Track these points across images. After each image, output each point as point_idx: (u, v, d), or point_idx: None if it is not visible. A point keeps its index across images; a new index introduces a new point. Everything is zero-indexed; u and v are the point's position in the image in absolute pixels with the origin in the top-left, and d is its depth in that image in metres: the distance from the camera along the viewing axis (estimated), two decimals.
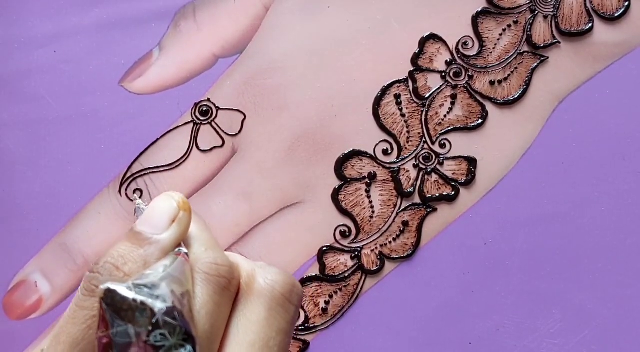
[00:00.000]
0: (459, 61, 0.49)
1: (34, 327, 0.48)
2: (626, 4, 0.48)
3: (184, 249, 0.30)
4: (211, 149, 0.49)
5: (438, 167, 0.48)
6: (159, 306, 0.27)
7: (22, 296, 0.48)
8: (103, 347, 0.27)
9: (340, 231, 0.48)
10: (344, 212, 0.48)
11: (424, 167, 0.48)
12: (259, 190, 0.48)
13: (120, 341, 0.27)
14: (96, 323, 0.28)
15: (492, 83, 0.48)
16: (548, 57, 0.48)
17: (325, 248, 0.48)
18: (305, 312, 0.48)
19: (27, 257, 0.48)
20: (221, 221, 0.48)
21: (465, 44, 0.49)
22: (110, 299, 0.27)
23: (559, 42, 0.48)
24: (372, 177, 0.48)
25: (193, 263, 0.30)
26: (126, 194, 0.48)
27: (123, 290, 0.27)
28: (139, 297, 0.27)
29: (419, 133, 0.48)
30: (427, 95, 0.48)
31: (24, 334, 0.48)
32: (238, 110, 0.49)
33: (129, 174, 0.48)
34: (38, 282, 0.48)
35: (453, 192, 0.48)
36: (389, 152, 0.48)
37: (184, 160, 0.48)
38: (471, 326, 0.47)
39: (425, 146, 0.48)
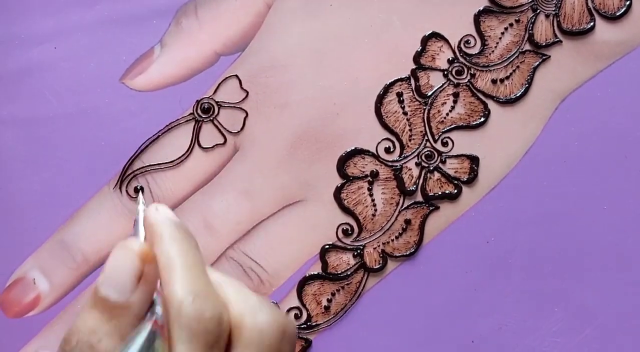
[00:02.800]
0: (461, 59, 0.49)
1: (31, 325, 0.47)
2: (627, 3, 0.48)
3: (158, 313, 0.28)
4: (213, 147, 0.48)
5: (440, 165, 0.48)
6: None
7: (20, 293, 0.47)
8: None
9: (343, 229, 0.48)
10: (346, 210, 0.48)
11: (426, 165, 0.48)
12: (261, 188, 0.48)
13: None
14: None
15: (494, 81, 0.48)
16: (550, 56, 0.48)
17: (327, 246, 0.48)
18: (307, 310, 0.47)
19: (26, 255, 0.47)
20: (223, 219, 0.48)
21: (467, 42, 0.49)
22: None
23: (561, 41, 0.48)
24: (375, 175, 0.48)
25: (176, 314, 0.27)
26: (127, 192, 0.48)
27: None
28: None
29: (421, 131, 0.48)
30: (429, 94, 0.49)
31: (21, 332, 0.47)
32: (240, 108, 0.49)
33: (129, 172, 0.48)
34: (36, 279, 0.47)
35: (455, 191, 0.48)
36: (391, 150, 0.48)
37: (185, 158, 0.48)
38: (473, 324, 0.47)
39: (428, 144, 0.48)
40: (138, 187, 0.48)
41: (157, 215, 0.29)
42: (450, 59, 0.49)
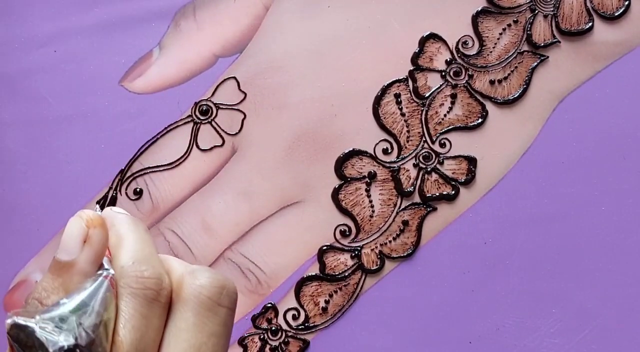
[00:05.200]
0: (458, 60, 0.49)
1: None
2: (626, 3, 0.48)
3: (110, 271, 0.29)
4: (211, 149, 0.49)
5: (438, 166, 0.48)
6: (59, 344, 0.26)
7: (23, 295, 0.48)
8: None
9: (340, 230, 0.48)
10: (344, 211, 0.48)
11: (424, 166, 0.48)
12: (259, 189, 0.48)
13: None
14: None
15: (492, 82, 0.48)
16: (548, 57, 0.48)
17: (325, 247, 0.48)
18: (305, 311, 0.48)
19: (28, 257, 0.48)
20: (221, 220, 0.48)
21: (465, 43, 0.49)
22: (16, 335, 0.26)
23: (559, 42, 0.48)
24: (372, 176, 0.48)
25: (119, 278, 0.29)
26: (126, 194, 0.48)
27: (28, 325, 0.26)
28: (41, 335, 0.26)
29: (419, 132, 0.48)
30: (427, 95, 0.48)
31: None
32: (238, 110, 0.49)
33: (129, 174, 0.48)
34: (38, 281, 0.48)
35: (453, 192, 0.48)
36: (389, 151, 0.48)
37: (184, 160, 0.48)
38: (471, 325, 0.47)
39: (425, 145, 0.48)
40: (137, 189, 0.48)
41: (111, 211, 0.32)
42: (448, 60, 0.49)
